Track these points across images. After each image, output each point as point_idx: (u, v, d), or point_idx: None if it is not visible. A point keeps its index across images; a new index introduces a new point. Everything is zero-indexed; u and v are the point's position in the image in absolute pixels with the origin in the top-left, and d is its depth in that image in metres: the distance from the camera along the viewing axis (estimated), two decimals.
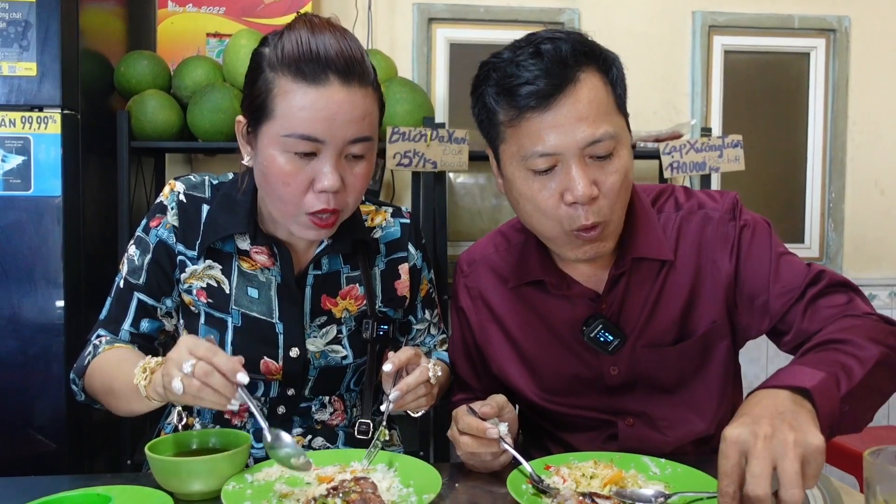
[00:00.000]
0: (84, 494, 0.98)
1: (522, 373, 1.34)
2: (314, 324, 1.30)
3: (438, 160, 2.36)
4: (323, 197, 1.14)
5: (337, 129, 1.11)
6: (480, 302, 1.37)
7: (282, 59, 1.12)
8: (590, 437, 1.32)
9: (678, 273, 1.26)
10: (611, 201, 1.13)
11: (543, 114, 1.09)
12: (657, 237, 1.25)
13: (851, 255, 3.10)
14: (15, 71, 1.93)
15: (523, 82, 1.10)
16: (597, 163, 1.12)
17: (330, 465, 1.15)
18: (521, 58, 1.12)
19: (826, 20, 3.01)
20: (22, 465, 1.96)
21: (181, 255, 1.29)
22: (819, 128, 3.09)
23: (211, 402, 1.03)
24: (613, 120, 1.12)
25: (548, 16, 2.90)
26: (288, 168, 1.13)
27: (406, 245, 1.38)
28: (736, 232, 1.25)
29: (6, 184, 1.93)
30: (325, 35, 1.12)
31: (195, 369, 1.01)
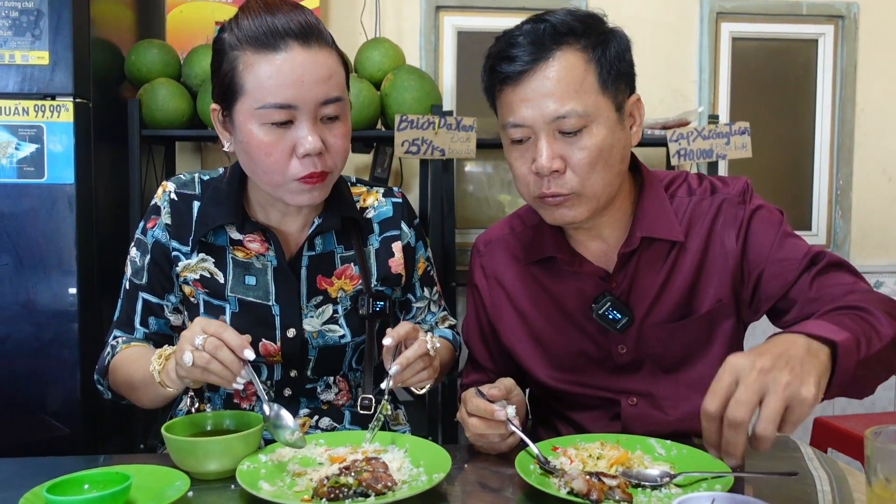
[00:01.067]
0: (104, 473, 1.01)
1: (532, 350, 1.37)
2: (310, 304, 1.33)
3: (446, 148, 2.37)
4: (308, 161, 1.18)
5: (306, 91, 1.15)
6: (494, 280, 1.40)
7: (241, 37, 1.17)
8: (595, 416, 1.35)
9: (689, 256, 1.28)
10: (580, 176, 1.18)
11: (515, 88, 1.18)
12: (668, 218, 1.28)
13: (859, 242, 3.10)
14: (28, 60, 1.95)
15: (504, 57, 1.19)
16: (566, 138, 1.17)
17: (342, 446, 1.17)
18: (514, 34, 1.20)
19: (834, 6, 3.01)
20: (36, 450, 1.99)
21: (175, 251, 1.33)
22: (827, 115, 3.08)
23: (218, 376, 1.08)
24: (587, 98, 1.16)
25: (555, 3, 2.90)
26: (268, 139, 1.17)
27: (399, 223, 1.41)
28: (745, 214, 1.28)
29: (20, 171, 1.96)
30: (278, 9, 1.17)
31: (205, 343, 1.07)
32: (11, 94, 1.95)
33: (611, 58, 1.18)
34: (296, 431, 1.12)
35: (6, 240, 1.97)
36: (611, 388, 1.33)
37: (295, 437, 1.12)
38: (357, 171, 2.89)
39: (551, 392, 1.38)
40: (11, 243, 1.97)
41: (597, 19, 1.21)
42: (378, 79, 2.46)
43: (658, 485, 1.04)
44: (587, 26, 1.18)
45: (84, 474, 1.01)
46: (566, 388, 1.35)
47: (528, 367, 1.38)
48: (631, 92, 1.23)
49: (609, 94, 1.18)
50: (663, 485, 1.05)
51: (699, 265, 1.28)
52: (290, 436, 1.12)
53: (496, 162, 3.04)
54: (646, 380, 1.31)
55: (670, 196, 1.31)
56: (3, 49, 1.94)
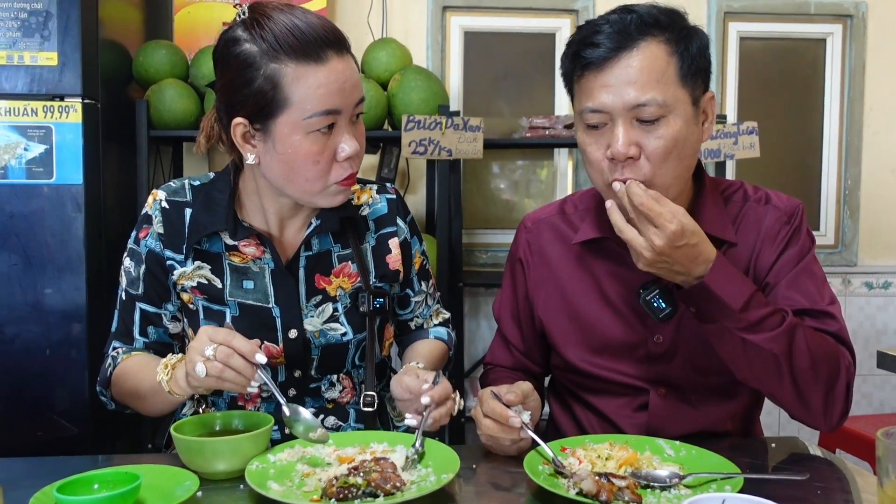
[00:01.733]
0: (113, 473, 1.01)
1: (567, 330, 1.37)
2: (310, 303, 1.34)
3: (453, 148, 2.37)
4: (347, 164, 1.23)
5: (347, 96, 1.21)
6: (539, 257, 1.42)
7: (279, 48, 1.17)
8: (620, 404, 1.35)
9: (736, 259, 1.29)
10: (654, 164, 1.19)
11: (598, 74, 1.20)
12: (723, 218, 1.30)
13: (867, 242, 3.09)
14: (37, 61, 1.95)
15: (589, 44, 1.20)
16: (643, 126, 1.19)
17: (350, 447, 1.17)
18: (598, 23, 1.22)
19: (842, 6, 3.00)
20: (45, 449, 2.00)
21: (170, 259, 1.32)
22: (835, 114, 3.07)
23: (232, 383, 1.10)
24: (668, 89, 1.18)
25: (562, 3, 2.90)
26: (315, 147, 1.20)
27: (394, 219, 1.41)
28: (787, 235, 1.30)
29: (29, 172, 1.97)
30: (302, 15, 1.20)
31: (216, 352, 1.08)
32: (20, 95, 1.96)
33: (693, 53, 1.20)
34: (318, 428, 1.14)
35: (15, 240, 1.98)
36: (641, 376, 1.33)
37: (319, 434, 1.13)
38: (364, 172, 2.88)
39: (579, 375, 1.38)
40: (20, 243, 1.98)
41: (680, 15, 1.23)
42: (385, 79, 2.47)
43: (667, 486, 1.04)
44: (672, 20, 1.21)
45: (94, 474, 1.01)
46: (596, 371, 1.35)
47: (560, 346, 1.38)
48: (706, 89, 1.25)
49: (688, 87, 1.20)
50: (672, 486, 1.04)
51: (745, 270, 1.29)
52: (313, 434, 1.13)
53: (502, 162, 3.04)
54: (677, 373, 1.32)
55: (725, 199, 1.33)
56: (13, 50, 1.95)
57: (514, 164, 3.04)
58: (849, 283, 3.07)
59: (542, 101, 2.96)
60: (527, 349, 1.46)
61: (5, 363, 1.99)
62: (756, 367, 1.18)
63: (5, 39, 1.94)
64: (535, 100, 2.97)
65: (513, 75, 2.96)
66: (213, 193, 1.32)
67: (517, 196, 3.06)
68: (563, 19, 2.93)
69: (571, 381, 1.42)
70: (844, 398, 1.22)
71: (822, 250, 3.05)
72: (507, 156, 3.03)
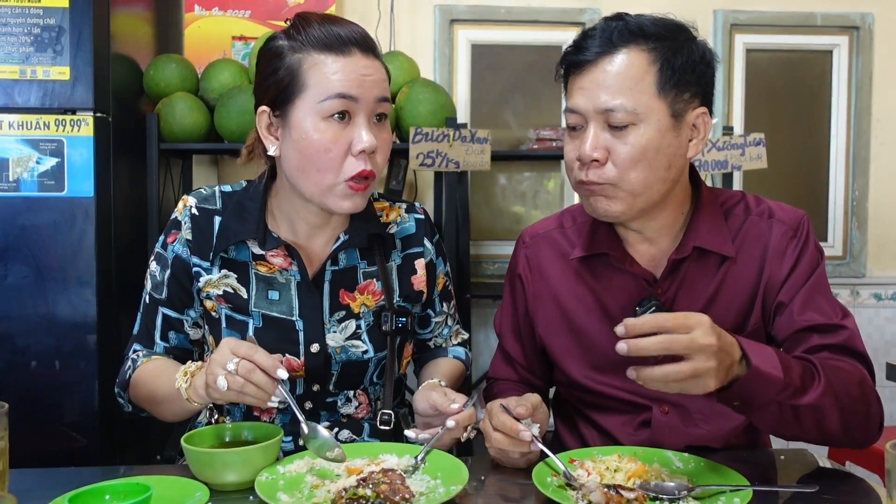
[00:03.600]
0: (124, 484, 1.02)
1: (569, 346, 1.37)
2: (333, 318, 1.34)
3: (461, 160, 2.38)
4: (361, 158, 1.22)
5: (367, 88, 1.22)
6: (538, 273, 1.41)
7: (307, 41, 1.22)
8: (623, 420, 1.34)
9: (740, 273, 1.28)
10: (620, 170, 1.20)
11: (578, 76, 1.23)
12: (721, 232, 1.29)
13: (875, 253, 3.08)
14: (49, 75, 1.98)
15: (576, 48, 1.25)
16: (614, 131, 1.20)
17: (359, 458, 1.18)
18: (590, 29, 1.26)
19: (849, 17, 3.00)
20: (54, 460, 2.00)
21: (196, 266, 1.33)
22: (842, 126, 3.07)
23: (253, 398, 1.10)
24: (640, 98, 1.19)
25: (569, 16, 2.92)
26: (328, 134, 1.21)
27: (422, 240, 1.42)
28: (796, 250, 1.28)
29: (41, 185, 1.98)
30: (339, 21, 1.25)
31: (238, 367, 1.08)
32: (33, 109, 1.98)
33: (677, 65, 1.20)
34: (335, 447, 1.13)
35: (27, 252, 1.99)
36: (643, 393, 1.32)
37: (336, 454, 1.12)
38: None
39: (581, 391, 1.38)
40: (32, 256, 2.00)
41: (677, 28, 1.23)
42: (393, 92, 2.48)
43: (676, 498, 1.04)
44: (661, 31, 1.21)
45: (105, 485, 1.01)
46: (598, 387, 1.35)
47: (562, 362, 1.38)
48: (705, 104, 1.24)
49: (666, 98, 1.20)
50: (681, 498, 1.04)
51: (754, 288, 1.28)
52: (330, 453, 1.12)
53: (510, 174, 3.05)
54: None
55: (726, 212, 1.32)
56: (26, 65, 1.97)
57: (521, 175, 3.05)
58: (857, 295, 3.06)
59: (550, 113, 2.98)
60: (529, 364, 1.45)
61: (16, 374, 2.00)
62: (806, 424, 1.14)
63: (19, 54, 1.97)
64: (542, 112, 2.99)
65: (520, 88, 2.98)
66: (244, 202, 1.33)
67: (525, 208, 3.07)
68: (570, 31, 2.94)
69: (574, 398, 1.41)
70: (879, 414, 1.20)
71: (830, 262, 3.05)
72: (515, 167, 3.04)
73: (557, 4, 2.91)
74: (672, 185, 1.25)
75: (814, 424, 1.14)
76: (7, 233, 1.99)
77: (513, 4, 2.90)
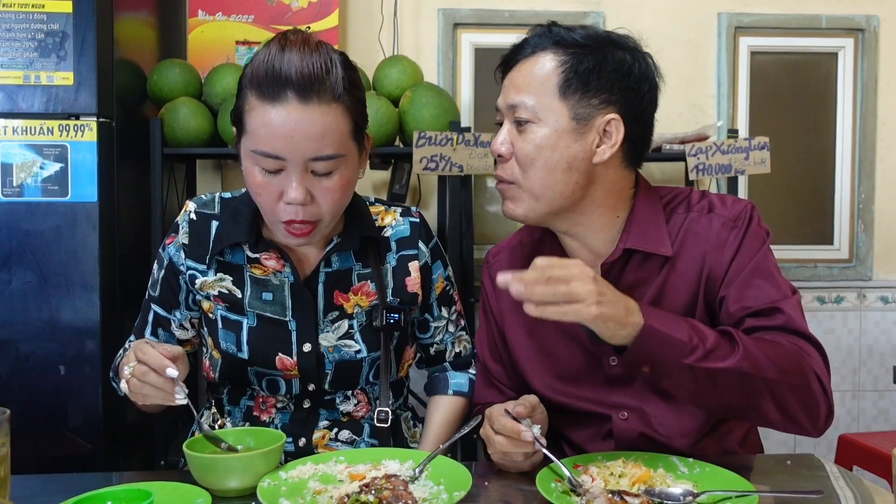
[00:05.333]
0: (126, 490, 1.02)
1: (533, 359, 1.37)
2: (327, 319, 1.35)
3: (465, 164, 2.38)
4: (291, 209, 1.19)
5: (296, 145, 1.15)
6: (501, 290, 1.39)
7: (250, 77, 1.18)
8: (590, 433, 1.34)
9: (682, 273, 1.28)
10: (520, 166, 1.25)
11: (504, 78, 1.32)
12: (658, 232, 1.28)
13: (882, 256, 3.06)
14: (53, 80, 1.98)
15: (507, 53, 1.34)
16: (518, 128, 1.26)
17: (362, 464, 1.17)
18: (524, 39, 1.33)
19: (854, 20, 2.99)
20: (58, 465, 2.01)
21: (191, 269, 1.35)
22: (848, 128, 3.06)
23: (155, 399, 1.13)
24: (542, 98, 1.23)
25: (573, 19, 2.91)
26: (259, 180, 1.20)
27: (416, 242, 1.41)
28: (736, 240, 1.27)
29: (44, 190, 1.99)
30: (291, 53, 1.16)
31: (134, 370, 1.12)
32: (37, 114, 1.98)
33: (582, 70, 1.22)
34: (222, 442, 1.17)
35: (30, 257, 2.00)
36: (603, 401, 1.32)
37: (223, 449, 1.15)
38: (375, 188, 2.90)
39: (549, 406, 1.37)
40: (35, 261, 2.00)
41: (603, 40, 1.26)
42: (396, 96, 2.48)
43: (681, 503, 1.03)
44: (583, 40, 1.25)
45: (107, 491, 1.01)
46: (562, 399, 1.35)
47: (528, 376, 1.38)
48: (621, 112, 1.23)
49: (567, 101, 1.23)
50: (686, 503, 1.04)
51: (695, 288, 1.27)
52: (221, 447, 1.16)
53: None
54: (637, 395, 1.30)
55: (669, 212, 1.31)
56: (30, 70, 1.97)
57: None
58: (864, 298, 3.05)
59: None
60: (512, 383, 1.43)
61: (20, 379, 2.00)
62: (729, 396, 1.14)
63: (22, 60, 1.97)
64: None
65: None
66: (240, 207, 1.35)
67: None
68: None
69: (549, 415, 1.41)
70: (824, 397, 1.17)
71: (837, 265, 3.03)
72: None
73: (561, 8, 2.90)
74: (578, 188, 1.24)
75: (739, 395, 1.13)
76: (11, 238, 1.99)
77: (516, 8, 2.90)
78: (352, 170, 1.23)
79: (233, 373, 1.34)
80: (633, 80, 1.25)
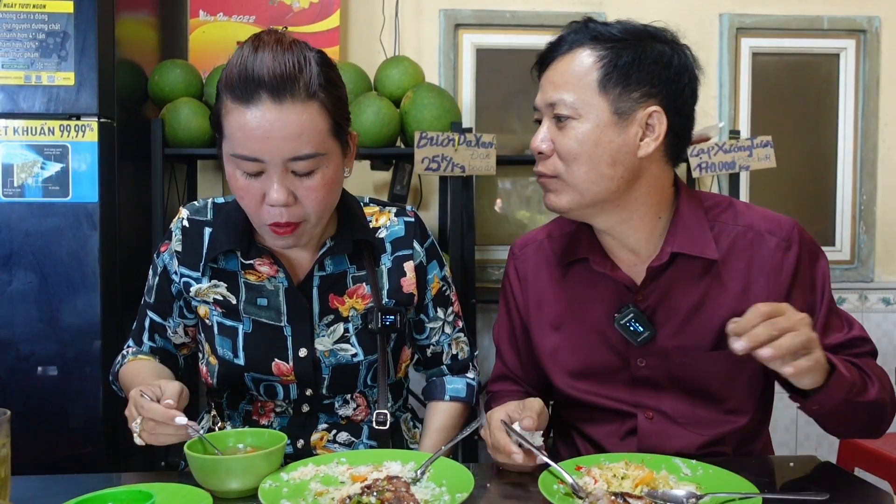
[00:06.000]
0: (127, 491, 1.01)
1: (556, 354, 1.37)
2: (322, 323, 1.34)
3: (466, 164, 2.37)
4: (275, 211, 1.18)
5: (273, 146, 1.14)
6: (526, 282, 1.42)
7: (226, 80, 1.16)
8: (610, 430, 1.34)
9: (726, 283, 1.27)
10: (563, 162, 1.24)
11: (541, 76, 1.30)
12: (703, 236, 1.27)
13: (883, 257, 3.06)
14: (54, 81, 1.98)
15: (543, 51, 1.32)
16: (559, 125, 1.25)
17: (363, 465, 1.17)
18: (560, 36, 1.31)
19: (856, 21, 2.99)
20: (59, 466, 2.01)
21: (185, 277, 1.34)
22: (849, 129, 3.06)
23: (170, 441, 1.15)
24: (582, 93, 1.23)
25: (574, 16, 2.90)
26: (241, 183, 1.19)
27: (411, 242, 1.40)
28: (792, 263, 1.28)
29: (45, 191, 1.98)
30: (264, 53, 1.14)
31: (144, 426, 1.14)
32: (38, 115, 1.98)
33: (621, 63, 1.21)
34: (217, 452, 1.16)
35: (31, 258, 1.99)
36: (627, 400, 1.32)
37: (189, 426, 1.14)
38: (376, 188, 2.90)
39: (568, 401, 1.38)
40: (36, 261, 2.00)
41: (641, 33, 1.25)
42: (398, 96, 2.48)
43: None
44: (620, 34, 1.24)
45: (108, 492, 1.01)
46: (583, 396, 1.34)
47: (549, 371, 1.38)
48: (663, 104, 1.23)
49: (608, 96, 1.22)
50: None
51: (739, 300, 1.26)
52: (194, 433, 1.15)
53: (514, 178, 3.04)
54: (663, 397, 1.30)
55: (712, 219, 1.30)
56: (31, 70, 1.97)
57: (526, 180, 3.04)
58: (865, 300, 3.04)
59: None
60: (525, 375, 1.45)
61: (21, 380, 2.00)
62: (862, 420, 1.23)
63: (24, 60, 1.97)
64: None
65: (525, 92, 2.96)
66: (233, 213, 1.33)
67: (530, 212, 3.06)
68: None
69: (565, 409, 1.41)
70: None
71: (838, 266, 3.03)
72: (520, 172, 3.03)
73: (562, 9, 2.90)
74: (623, 183, 1.24)
75: (866, 420, 1.22)
76: (11, 238, 1.99)
77: (518, 9, 2.90)
78: (334, 168, 1.21)
79: (230, 379, 1.34)
80: (672, 71, 1.24)
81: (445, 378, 1.47)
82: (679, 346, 1.28)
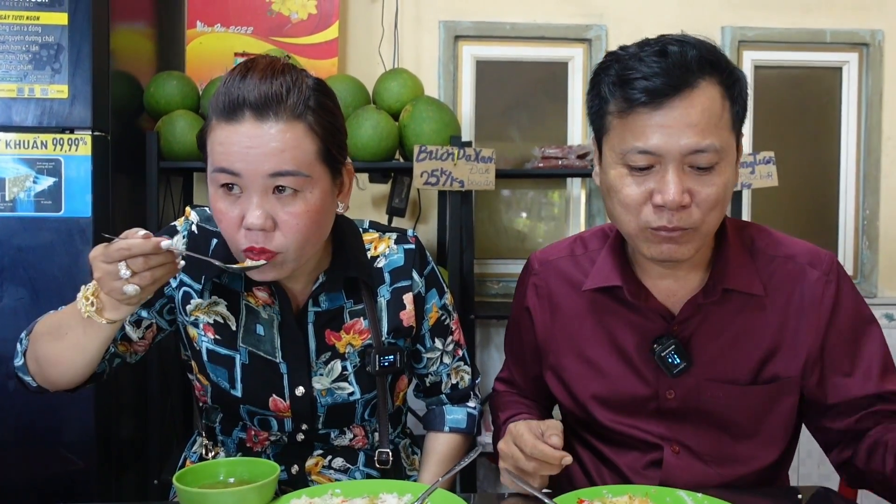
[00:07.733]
0: None
1: (581, 380, 1.32)
2: (320, 360, 1.29)
3: (465, 179, 2.35)
4: (251, 235, 1.12)
5: (252, 161, 1.10)
6: (548, 302, 1.36)
7: (213, 101, 1.14)
8: (633, 457, 1.29)
9: (765, 316, 1.23)
10: (703, 212, 1.12)
11: (653, 112, 1.09)
12: (749, 270, 1.23)
13: (887, 272, 3.03)
14: (47, 94, 1.95)
15: (640, 77, 1.10)
16: (696, 172, 1.11)
17: (359, 497, 1.13)
18: (645, 53, 1.12)
19: (858, 34, 2.97)
20: (51, 483, 1.97)
21: (186, 286, 1.28)
22: (852, 143, 3.03)
23: (165, 276, 1.07)
24: (722, 135, 1.11)
25: (574, 32, 2.89)
26: (220, 205, 1.14)
27: (410, 272, 1.34)
28: (831, 298, 1.23)
29: (37, 205, 1.95)
30: (252, 76, 1.12)
31: (131, 267, 1.03)
32: (30, 128, 1.95)
33: (742, 98, 1.15)
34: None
35: (23, 273, 1.96)
36: (653, 431, 1.27)
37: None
38: (375, 202, 2.87)
39: (593, 424, 1.33)
40: (28, 277, 1.96)
41: (724, 54, 1.17)
42: (396, 109, 2.45)
43: None
44: (723, 60, 1.14)
45: None
46: (608, 423, 1.30)
47: (578, 394, 1.32)
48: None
49: (735, 132, 1.15)
50: None
51: (777, 334, 1.23)
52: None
53: (513, 191, 3.01)
54: (692, 431, 1.26)
55: (751, 246, 1.26)
56: (24, 83, 1.94)
57: (526, 193, 3.02)
58: None
59: (555, 130, 2.94)
60: (529, 389, 1.44)
61: (11, 397, 1.97)
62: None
63: (17, 72, 1.94)
64: (547, 128, 2.95)
65: (525, 104, 2.95)
66: None
67: (529, 226, 3.03)
68: (576, 48, 2.91)
69: (585, 430, 1.37)
70: None
71: None
72: (519, 185, 3.00)
73: (563, 21, 2.88)
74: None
75: None
76: (3, 254, 1.95)
77: (518, 20, 2.88)
78: (321, 196, 1.15)
79: (224, 401, 1.30)
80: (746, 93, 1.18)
81: (445, 407, 1.43)
82: (712, 378, 1.23)
